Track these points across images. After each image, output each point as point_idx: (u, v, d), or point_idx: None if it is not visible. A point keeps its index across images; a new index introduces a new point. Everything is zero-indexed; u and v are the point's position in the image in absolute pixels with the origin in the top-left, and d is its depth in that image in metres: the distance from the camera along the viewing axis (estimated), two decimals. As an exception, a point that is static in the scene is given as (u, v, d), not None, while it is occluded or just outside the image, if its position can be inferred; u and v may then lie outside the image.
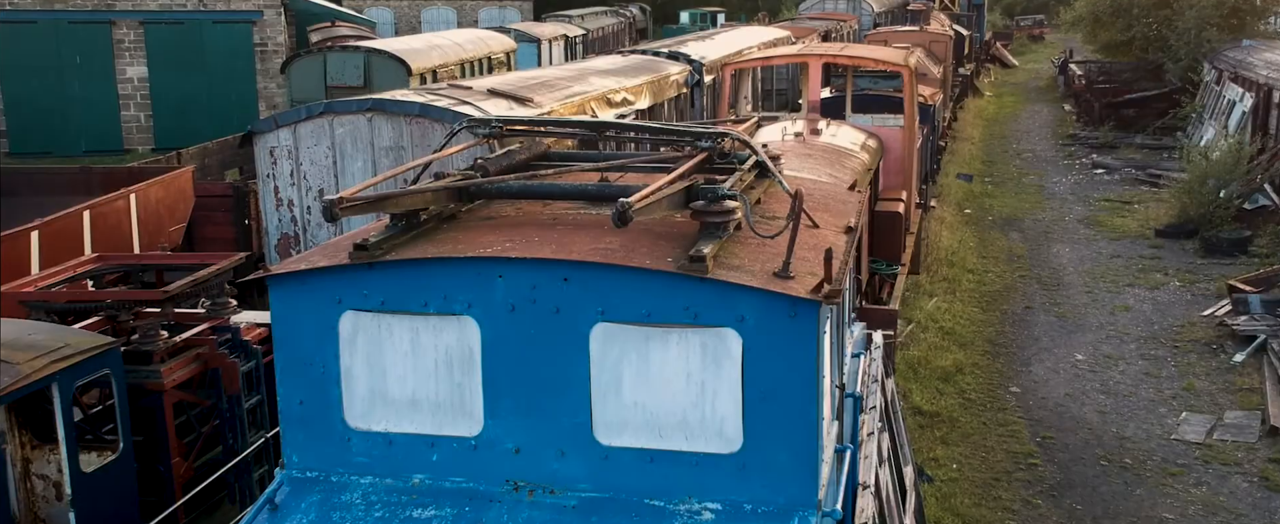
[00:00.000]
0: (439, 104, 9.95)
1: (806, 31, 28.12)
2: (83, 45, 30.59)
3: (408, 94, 10.24)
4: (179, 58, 31.23)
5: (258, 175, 10.28)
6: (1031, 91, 41.87)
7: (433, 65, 21.02)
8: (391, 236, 4.62)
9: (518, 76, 12.73)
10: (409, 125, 9.84)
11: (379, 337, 4.53)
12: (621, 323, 4.35)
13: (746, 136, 5.42)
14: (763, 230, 4.65)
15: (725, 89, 13.20)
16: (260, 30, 33.00)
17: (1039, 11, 70.76)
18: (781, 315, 4.23)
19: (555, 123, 5.49)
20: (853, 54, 12.99)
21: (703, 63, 18.47)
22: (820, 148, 10.88)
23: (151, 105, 31.64)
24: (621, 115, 13.57)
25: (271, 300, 4.62)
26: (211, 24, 32.40)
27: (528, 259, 4.38)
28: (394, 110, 9.84)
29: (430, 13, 66.28)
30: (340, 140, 9.95)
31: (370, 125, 9.89)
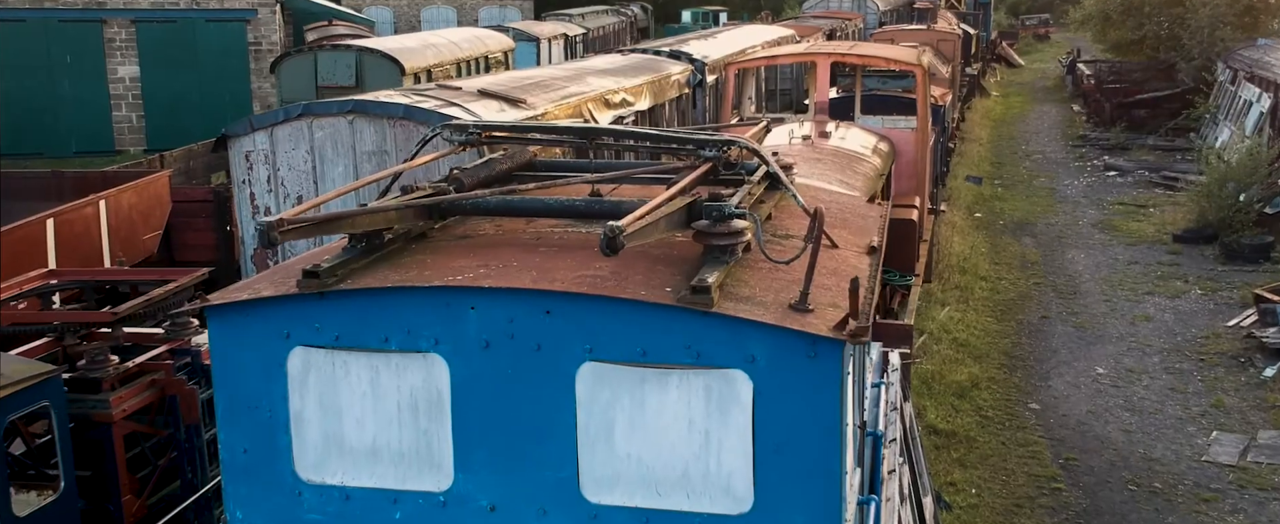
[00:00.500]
0: (424, 105, 9.35)
1: (811, 30, 27.51)
2: (73, 44, 30.05)
3: (392, 95, 9.64)
4: (171, 57, 30.68)
5: (232, 181, 9.68)
6: (1039, 91, 41.24)
7: (427, 65, 20.42)
8: (348, 261, 4.01)
9: (511, 77, 12.13)
10: (392, 128, 9.24)
11: (334, 376, 3.93)
12: (613, 363, 3.74)
13: (756, 144, 4.81)
14: (776, 254, 4.04)
15: (728, 89, 12.60)
16: (254, 29, 32.44)
17: (1044, 10, 70.12)
18: (799, 355, 3.62)
19: (541, 129, 4.88)
20: (863, 53, 12.38)
21: (705, 62, 17.85)
22: (830, 152, 10.27)
23: (143, 105, 31.10)
24: (620, 117, 12.96)
25: (210, 335, 4.02)
26: (204, 23, 31.84)
27: (504, 289, 3.77)
28: (376, 112, 9.24)
29: (430, 12, 65.80)
30: (320, 144, 9.35)
31: (351, 128, 9.28)
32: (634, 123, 13.74)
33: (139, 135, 31.35)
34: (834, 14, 32.86)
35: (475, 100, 10.05)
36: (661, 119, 15.33)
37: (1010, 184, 23.78)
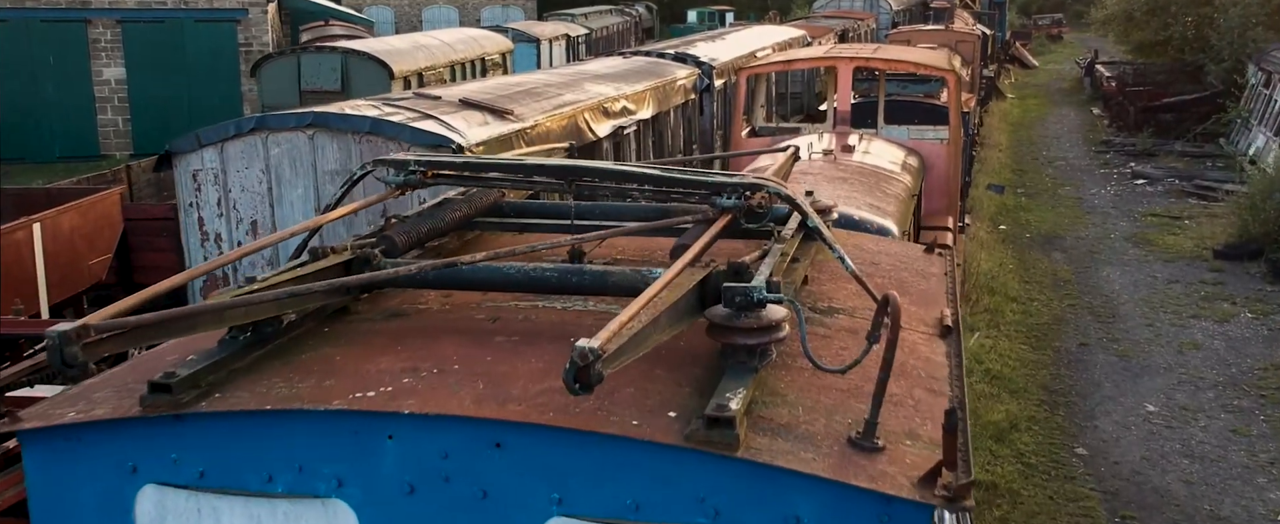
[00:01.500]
0: (394, 119, 8.19)
1: (822, 31, 26.33)
2: (57, 45, 28.99)
3: (359, 105, 8.49)
4: (159, 58, 29.61)
5: (179, 204, 8.53)
6: (1055, 94, 39.99)
7: (418, 67, 19.27)
8: (222, 360, 2.86)
9: (499, 83, 10.98)
10: (359, 144, 8.08)
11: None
12: (592, 521, 2.58)
13: (789, 188, 3.63)
14: (825, 351, 2.87)
15: (739, 96, 11.43)
16: (245, 30, 31.33)
17: (1057, 10, 68.83)
18: (867, 521, 2.45)
19: (504, 166, 3.69)
20: (888, 56, 11.21)
21: (713, 65, 16.69)
22: (855, 170, 9.09)
23: (130, 108, 30.01)
24: (621, 128, 11.80)
25: (26, 469, 2.86)
26: (193, 23, 30.75)
27: (434, 416, 2.61)
28: (340, 126, 8.09)
29: (432, 11, 64.81)
30: (276, 162, 8.20)
31: (312, 144, 8.13)
32: (637, 133, 12.58)
33: (125, 140, 30.29)
34: (846, 14, 31.67)
35: (455, 112, 8.89)
36: (666, 127, 14.16)
37: (1034, 193, 22.57)
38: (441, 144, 7.96)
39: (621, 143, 11.99)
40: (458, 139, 8.10)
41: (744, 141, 11.29)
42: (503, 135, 8.82)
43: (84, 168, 29.13)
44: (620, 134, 11.83)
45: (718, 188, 3.44)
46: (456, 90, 10.03)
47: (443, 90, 9.99)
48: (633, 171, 3.50)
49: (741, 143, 11.32)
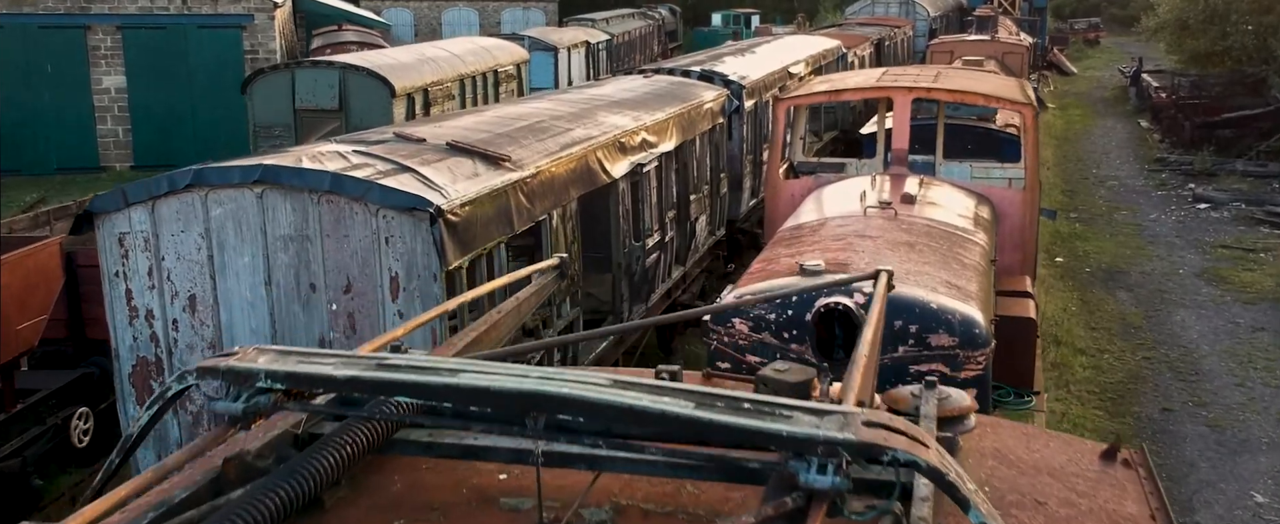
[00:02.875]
0: (361, 172, 6.68)
1: (857, 39, 24.73)
2: (54, 52, 27.82)
3: (322, 155, 6.98)
4: (161, 66, 28.40)
5: (103, 274, 7.05)
6: (1098, 103, 38.13)
7: (423, 83, 17.81)
8: None
9: (497, 116, 9.46)
10: (317, 205, 6.59)
11: None
12: None
13: (937, 452, 2.02)
14: None
15: (778, 131, 9.87)
16: (251, 36, 30.06)
17: (1091, 13, 66.75)
18: None
19: (415, 386, 2.12)
20: (953, 86, 9.60)
21: (743, 85, 15.14)
22: (922, 231, 7.51)
23: (130, 118, 28.81)
24: (639, 165, 10.26)
25: None
26: (196, 29, 29.50)
27: None
28: (293, 183, 6.58)
29: (451, 14, 63.66)
30: (219, 225, 6.71)
31: (261, 204, 6.64)
32: (658, 169, 11.03)
33: (126, 151, 29.11)
34: (881, 20, 30.01)
35: (439, 160, 7.37)
36: (691, 157, 12.61)
37: (1088, 218, 20.85)
38: (417, 206, 6.45)
39: (640, 182, 10.46)
40: (437, 199, 6.59)
41: (783, 186, 9.72)
42: (495, 189, 7.30)
43: (83, 180, 27.92)
44: (639, 172, 10.30)
45: (804, 445, 1.87)
46: (445, 128, 8.50)
47: (428, 128, 8.48)
48: (642, 408, 1.93)
49: (780, 188, 9.75)
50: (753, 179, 16.23)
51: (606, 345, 9.81)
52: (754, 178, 16.31)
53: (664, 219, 11.40)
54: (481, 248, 7.01)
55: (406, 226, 6.45)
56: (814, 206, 8.64)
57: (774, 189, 9.80)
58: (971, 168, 10.51)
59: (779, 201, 9.63)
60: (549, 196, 8.24)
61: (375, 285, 6.54)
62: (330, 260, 6.57)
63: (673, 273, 12.12)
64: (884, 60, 26.79)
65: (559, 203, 8.44)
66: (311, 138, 17.08)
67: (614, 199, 9.90)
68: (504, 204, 7.41)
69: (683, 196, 12.24)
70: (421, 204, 6.44)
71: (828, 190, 9.20)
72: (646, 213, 10.74)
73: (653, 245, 10.92)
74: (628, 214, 10.18)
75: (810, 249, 6.99)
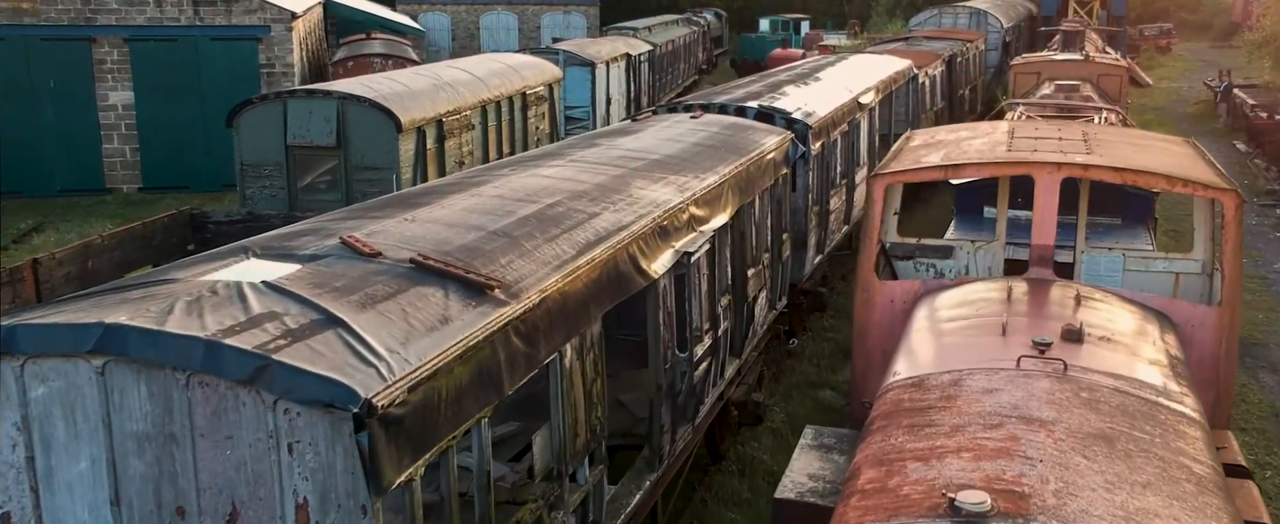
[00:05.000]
0: (254, 337, 4.28)
1: (927, 56, 22.10)
2: (58, 66, 26.05)
3: (214, 286, 4.62)
4: (171, 81, 26.55)
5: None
6: (1182, 120, 35.02)
7: (436, 113, 15.51)
8: None
9: (497, 196, 7.02)
10: (186, 389, 4.22)
11: None
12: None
13: None
14: None
15: (875, 217, 7.37)
16: (267, 49, 28.04)
17: (1159, 18, 63.17)
18: None
19: None
20: (1119, 161, 6.97)
21: (809, 124, 12.65)
22: (1114, 404, 4.99)
23: (138, 137, 26.99)
24: (687, 253, 7.81)
25: None
26: (209, 41, 27.56)
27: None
28: (149, 355, 4.21)
29: (490, 18, 61.85)
30: (42, 412, 4.37)
31: (103, 384, 4.29)
32: (709, 252, 8.58)
33: (133, 172, 27.28)
34: (949, 33, 27.29)
35: (392, 296, 4.96)
36: (748, 224, 10.15)
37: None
38: (335, 401, 4.06)
39: (687, 274, 8.02)
40: (369, 383, 4.20)
41: (879, 291, 7.21)
42: (473, 344, 4.89)
43: (87, 203, 26.04)
44: (686, 262, 7.86)
45: None
46: (418, 225, 6.10)
47: (393, 226, 6.08)
48: None
49: (876, 292, 7.24)
50: (819, 232, 13.73)
51: (641, 494, 7.37)
52: (820, 231, 13.81)
53: (716, 311, 8.95)
54: (448, 438, 4.61)
55: (319, 430, 4.07)
56: (932, 339, 6.15)
57: (867, 293, 7.31)
58: (1125, 257, 7.94)
59: (874, 312, 7.16)
60: (561, 328, 5.83)
61: (273, 515, 4.17)
62: (206, 473, 4.21)
63: (727, 371, 9.66)
64: (955, 80, 24.11)
65: (576, 332, 6.03)
66: (306, 178, 14.86)
67: (653, 301, 7.48)
68: (488, 361, 5.01)
69: (739, 275, 9.79)
70: (342, 397, 4.05)
71: (945, 304, 6.70)
72: (695, 310, 8.30)
73: (702, 353, 8.47)
74: (670, 318, 7.74)
75: (950, 446, 4.52)
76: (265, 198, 14.67)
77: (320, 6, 41.40)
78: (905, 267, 8.44)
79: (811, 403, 12.79)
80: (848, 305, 17.05)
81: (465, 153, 16.56)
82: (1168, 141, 8.33)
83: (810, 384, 13.33)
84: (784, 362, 13.34)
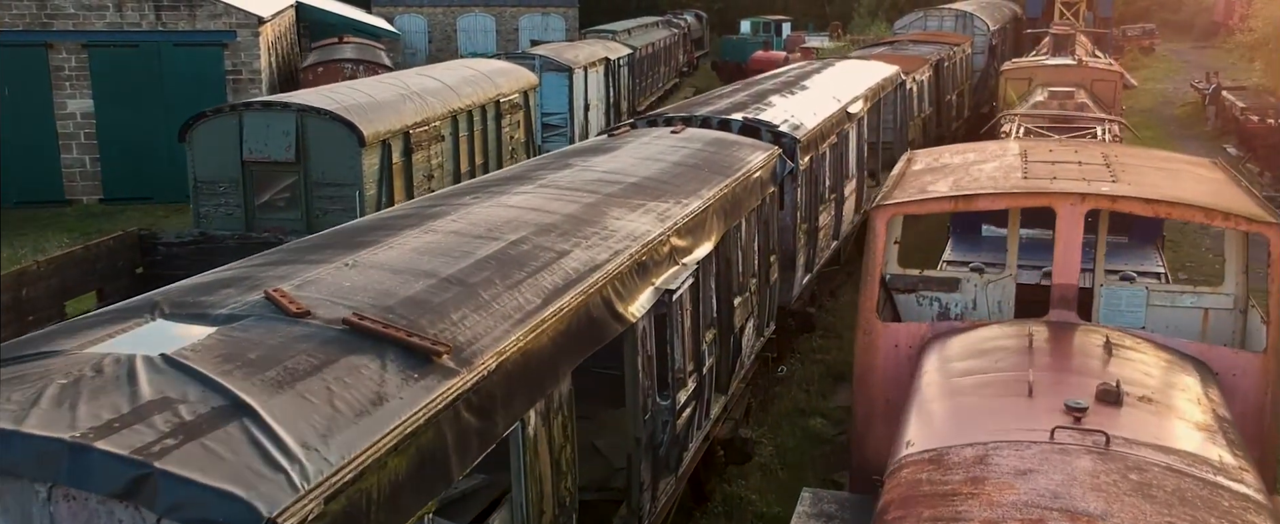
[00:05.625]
0: (136, 435, 3.45)
1: (914, 61, 21.42)
2: (13, 73, 25.06)
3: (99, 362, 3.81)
4: (132, 88, 25.61)
5: None
6: (1170, 123, 34.51)
7: (403, 125, 14.68)
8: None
9: (454, 234, 6.20)
10: (49, 505, 3.40)
11: None
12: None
13: None
14: None
15: (877, 251, 6.61)
16: (233, 55, 27.12)
17: (1142, 18, 62.81)
18: None
19: None
20: (1149, 192, 6.22)
21: (797, 138, 11.90)
22: (1167, 488, 4.25)
23: (98, 147, 26.01)
24: (669, 291, 7.04)
25: None
26: (172, 47, 26.62)
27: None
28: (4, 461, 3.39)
29: (467, 20, 61.02)
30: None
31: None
32: (693, 287, 7.81)
33: (93, 183, 26.32)
34: (936, 36, 26.63)
35: (317, 369, 4.15)
36: (735, 250, 9.38)
37: (1202, 281, 17.38)
38: (228, 521, 3.25)
39: (670, 312, 7.24)
40: (275, 494, 3.39)
41: (881, 333, 6.46)
42: (413, 429, 4.09)
43: (46, 216, 25.04)
44: (667, 301, 7.08)
45: None
46: (358, 272, 5.29)
47: (327, 273, 5.28)
48: None
49: (877, 335, 6.48)
50: (807, 251, 12.99)
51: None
52: (809, 250, 13.07)
53: (700, 349, 8.18)
54: (382, 548, 3.81)
55: (215, 557, 3.25)
56: (948, 399, 5.40)
57: (869, 337, 6.55)
58: (1148, 290, 7.21)
59: (876, 357, 6.40)
60: (523, 393, 5.05)
61: None
62: (79, 607, 3.38)
63: (712, 410, 8.89)
64: (943, 85, 23.45)
65: (541, 394, 5.24)
66: (264, 196, 14.01)
67: (631, 346, 6.70)
68: (432, 446, 4.21)
69: (725, 305, 9.03)
70: (239, 516, 3.24)
71: (958, 353, 5.95)
72: (678, 351, 7.53)
73: (686, 398, 7.70)
74: (650, 364, 6.96)
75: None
76: (221, 216, 13.82)
77: (292, 10, 40.43)
78: (906, 300, 7.70)
79: (802, 433, 12.04)
80: (837, 324, 16.31)
81: (435, 166, 15.74)
82: (1194, 164, 7.62)
83: (800, 412, 12.58)
84: (772, 388, 12.59)
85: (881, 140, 18.67)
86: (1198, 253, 19.12)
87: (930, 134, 22.36)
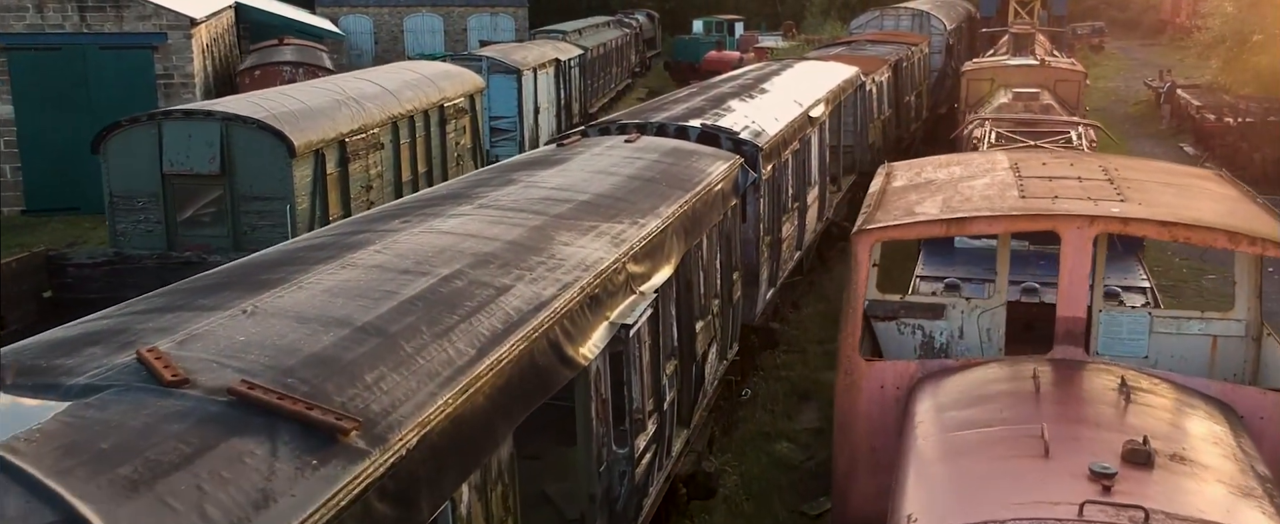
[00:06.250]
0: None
1: (874, 62, 20.84)
2: (-73, 79, 23.67)
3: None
4: (56, 93, 24.28)
5: None
6: (1123, 121, 34.34)
7: (338, 133, 13.73)
8: None
9: (376, 268, 5.35)
10: None
11: None
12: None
13: None
14: None
15: (859, 282, 5.87)
16: (164, 58, 25.87)
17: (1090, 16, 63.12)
18: None
19: None
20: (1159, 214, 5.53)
21: (759, 146, 11.16)
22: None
23: (20, 155, 24.66)
24: (624, 326, 6.24)
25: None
26: (97, 50, 25.33)
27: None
28: None
29: (414, 20, 59.76)
30: None
31: None
32: (653, 318, 7.03)
33: (15, 193, 24.98)
34: (893, 35, 26.11)
35: (186, 461, 3.30)
36: (696, 272, 8.61)
37: (1171, 286, 16.95)
38: None
39: (627, 349, 6.45)
40: None
41: (864, 374, 5.71)
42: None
43: (-37, 229, 23.79)
44: (624, 337, 6.29)
45: None
46: (247, 330, 4.42)
47: (221, 325, 4.42)
48: None
49: (860, 375, 5.73)
50: (771, 264, 12.26)
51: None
52: (773, 263, 12.34)
53: (660, 383, 7.40)
54: None
55: None
56: (948, 459, 4.65)
57: (851, 377, 5.80)
58: (1151, 315, 6.54)
59: (859, 400, 5.66)
60: (454, 467, 4.23)
61: None
62: None
63: (674, 447, 8.11)
64: (902, 86, 22.91)
65: (476, 464, 4.42)
66: (187, 211, 13.00)
67: (583, 391, 5.90)
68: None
69: (687, 332, 8.25)
70: None
71: (955, 399, 5.22)
72: (636, 390, 6.74)
73: (646, 442, 6.92)
74: (605, 409, 6.17)
75: None
76: (140, 234, 12.80)
77: (230, 11, 39.02)
78: (886, 328, 6.98)
79: (768, 459, 11.31)
80: (801, 337, 15.62)
81: (374, 176, 14.81)
82: (1200, 178, 6.98)
83: (764, 435, 11.85)
84: (735, 413, 11.85)
85: (842, 144, 18.04)
86: (1165, 259, 18.71)
87: (890, 136, 21.80)
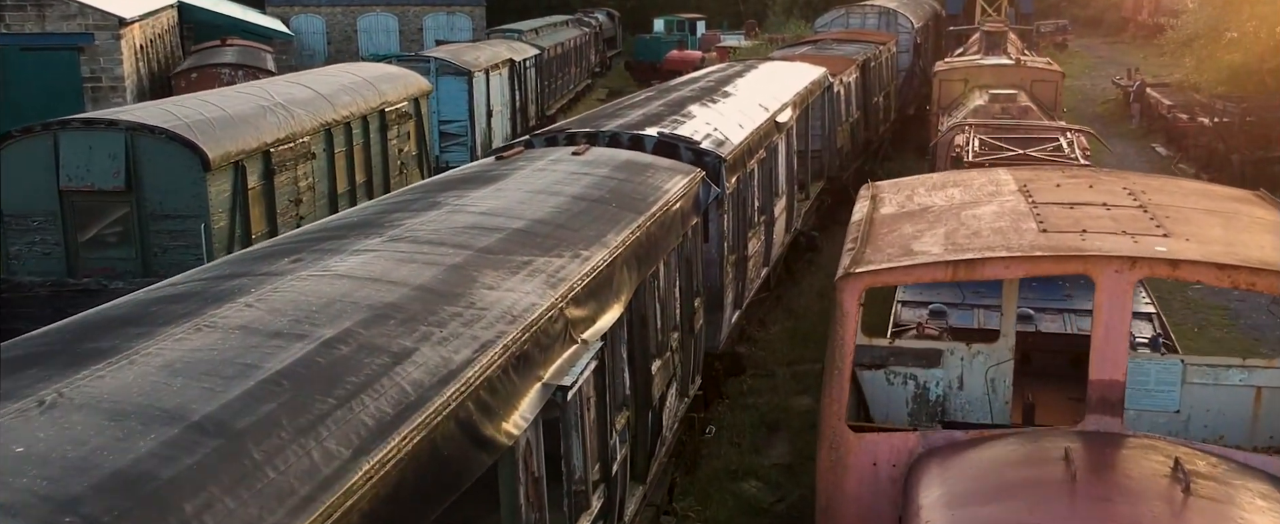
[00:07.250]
0: None
1: (841, 62, 19.87)
2: None
3: None
4: (-25, 98, 22.78)
5: None
6: (1092, 121, 33.65)
7: (261, 143, 12.49)
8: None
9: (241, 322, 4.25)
10: None
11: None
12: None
13: None
14: None
15: (846, 341, 4.81)
16: (91, 60, 24.43)
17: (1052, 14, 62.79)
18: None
19: None
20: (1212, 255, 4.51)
21: (722, 156, 10.09)
22: None
23: (-64, 164, 23.02)
24: (561, 388, 5.12)
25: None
26: (19, 52, 23.86)
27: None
28: None
29: (368, 20, 58.26)
30: None
31: None
32: (599, 369, 5.92)
33: (-68, 205, 23.25)
34: (860, 34, 25.18)
35: None
36: (652, 303, 7.51)
37: (1160, 297, 16.09)
38: None
39: (567, 413, 5.34)
40: None
41: (856, 452, 4.65)
42: None
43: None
44: (561, 401, 5.18)
45: None
46: (37, 432, 3.27)
47: (43, 428, 3.26)
48: None
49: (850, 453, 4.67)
50: (736, 286, 11.20)
51: None
52: (738, 284, 11.28)
53: (608, 444, 6.30)
54: None
55: None
56: None
57: (837, 452, 4.73)
58: (1183, 363, 5.53)
59: (847, 481, 4.60)
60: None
61: None
62: None
63: (627, 511, 7.01)
64: (870, 87, 21.97)
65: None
66: (89, 231, 11.70)
67: (509, 473, 4.78)
68: None
69: (641, 378, 7.16)
70: None
71: (970, 487, 4.16)
72: (578, 458, 5.64)
73: (593, 519, 5.81)
74: (537, 490, 5.05)
75: None
76: (36, 257, 11.50)
77: (171, 10, 37.38)
78: (873, 378, 5.92)
79: (733, 502, 10.25)
80: (769, 359, 14.59)
81: (304, 189, 13.58)
82: (1242, 201, 5.98)
83: (730, 474, 10.79)
84: (699, 451, 10.77)
85: (810, 149, 17.04)
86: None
87: (859, 139, 20.86)
